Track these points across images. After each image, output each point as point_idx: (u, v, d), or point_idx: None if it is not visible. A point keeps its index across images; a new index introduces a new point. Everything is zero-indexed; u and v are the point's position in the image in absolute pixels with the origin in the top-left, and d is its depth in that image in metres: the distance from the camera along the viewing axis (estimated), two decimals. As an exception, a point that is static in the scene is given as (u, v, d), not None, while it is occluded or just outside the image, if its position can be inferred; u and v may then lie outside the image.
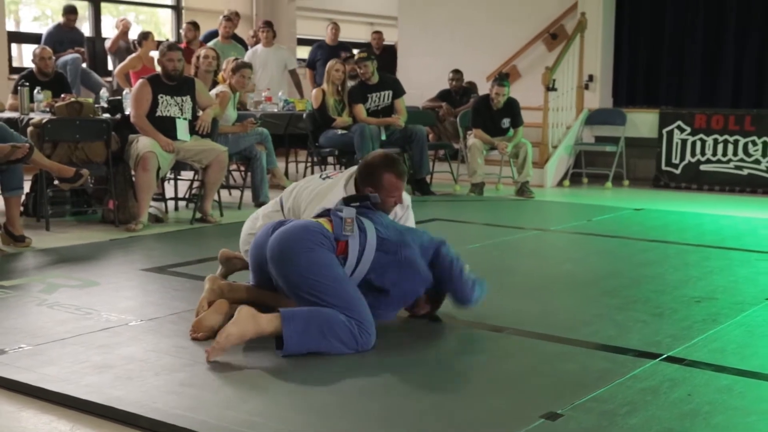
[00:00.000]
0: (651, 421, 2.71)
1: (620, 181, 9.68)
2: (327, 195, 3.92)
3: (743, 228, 6.70)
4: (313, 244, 3.37)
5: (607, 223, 6.89)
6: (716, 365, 3.28)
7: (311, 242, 3.37)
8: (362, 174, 3.84)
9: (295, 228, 3.47)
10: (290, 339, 3.24)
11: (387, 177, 3.78)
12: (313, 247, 3.37)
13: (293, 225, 3.52)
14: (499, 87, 8.58)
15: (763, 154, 9.01)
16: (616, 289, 4.55)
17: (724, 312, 4.06)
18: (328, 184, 4.04)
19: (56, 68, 8.17)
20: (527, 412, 2.74)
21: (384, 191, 3.76)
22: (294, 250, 3.37)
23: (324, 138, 8.39)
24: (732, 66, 9.95)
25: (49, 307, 3.99)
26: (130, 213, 6.41)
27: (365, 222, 3.55)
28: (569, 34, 10.07)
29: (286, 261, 3.38)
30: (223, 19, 10.15)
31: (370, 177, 3.80)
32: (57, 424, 2.71)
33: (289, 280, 3.39)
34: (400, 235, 3.59)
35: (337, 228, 3.47)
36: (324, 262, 3.37)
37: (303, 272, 3.34)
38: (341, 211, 3.53)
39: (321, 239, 3.40)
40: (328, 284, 3.33)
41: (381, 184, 3.77)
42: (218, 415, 2.69)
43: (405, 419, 2.73)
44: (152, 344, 3.45)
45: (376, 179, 3.78)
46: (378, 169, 3.80)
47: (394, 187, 3.79)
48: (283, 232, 3.46)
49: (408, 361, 3.30)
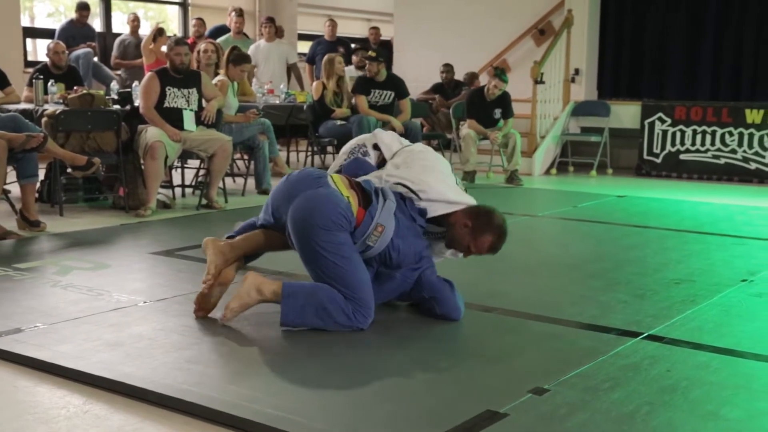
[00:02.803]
0: (632, 396, 2.72)
1: (604, 169, 9.68)
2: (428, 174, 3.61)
3: (720, 214, 6.70)
4: (333, 225, 3.30)
5: (592, 210, 6.89)
6: (694, 343, 3.29)
7: (333, 223, 3.29)
8: (473, 214, 3.53)
9: (321, 200, 3.33)
10: (287, 315, 3.30)
11: (487, 239, 3.52)
12: (331, 228, 3.29)
13: (321, 195, 3.35)
14: (499, 81, 8.52)
15: (739, 144, 9.01)
16: (600, 271, 4.55)
17: (702, 293, 4.06)
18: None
19: (69, 62, 8.14)
20: (516, 388, 2.75)
21: (472, 242, 3.52)
22: (315, 225, 3.28)
23: (323, 128, 8.37)
24: (710, 61, 9.93)
25: (62, 289, 3.98)
26: (140, 199, 6.39)
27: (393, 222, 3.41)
28: (556, 30, 10.04)
29: (304, 232, 3.32)
30: (235, 15, 10.02)
31: (478, 221, 3.51)
32: (71, 398, 2.71)
33: (304, 251, 3.36)
34: (407, 258, 3.46)
35: (365, 225, 3.35)
36: (339, 241, 3.30)
37: (317, 248, 3.29)
38: (375, 212, 3.37)
39: (343, 222, 3.31)
40: (338, 265, 3.29)
41: (477, 238, 3.50)
42: (222, 390, 2.69)
43: (399, 395, 2.73)
44: (160, 323, 3.45)
45: (479, 232, 3.50)
46: (488, 228, 3.52)
47: (478, 248, 3.54)
48: (309, 200, 3.33)
49: (402, 340, 3.30)
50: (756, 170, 8.96)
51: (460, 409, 2.56)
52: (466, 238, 3.52)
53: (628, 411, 2.59)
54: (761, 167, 8.93)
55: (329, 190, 3.39)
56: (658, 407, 2.63)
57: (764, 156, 8.91)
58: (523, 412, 2.56)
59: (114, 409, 2.62)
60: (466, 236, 3.51)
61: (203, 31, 10.13)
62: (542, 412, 2.57)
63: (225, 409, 2.54)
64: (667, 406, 2.63)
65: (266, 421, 2.45)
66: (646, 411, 2.59)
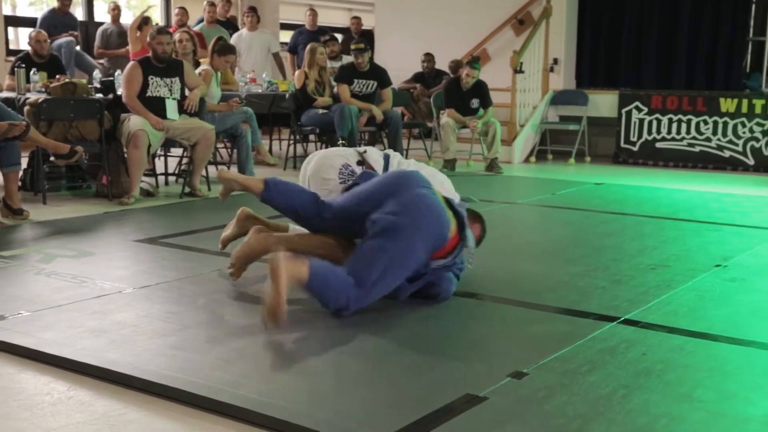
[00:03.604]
0: (609, 379, 2.74)
1: (582, 157, 9.72)
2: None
3: (695, 201, 6.75)
4: (433, 238, 3.37)
5: (570, 197, 6.92)
6: (669, 327, 3.31)
7: (435, 237, 3.38)
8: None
9: (441, 212, 3.43)
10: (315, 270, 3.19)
11: (477, 228, 3.81)
12: (429, 239, 3.35)
13: (441, 207, 3.45)
14: (471, 69, 8.61)
15: (713, 133, 9.07)
16: (578, 257, 4.58)
17: (677, 278, 4.09)
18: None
19: (51, 51, 8.05)
20: (495, 372, 2.76)
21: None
22: (423, 225, 3.33)
23: (305, 117, 8.34)
24: (686, 51, 9.98)
25: (46, 276, 3.95)
26: (123, 188, 6.35)
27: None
28: (536, 20, 10.04)
29: (416, 211, 3.33)
30: (207, 5, 10.10)
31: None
32: (55, 384, 2.69)
33: (394, 206, 3.32)
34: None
35: (459, 250, 3.50)
36: (416, 250, 3.32)
37: (398, 242, 3.27)
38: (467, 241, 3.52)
39: (439, 243, 3.40)
40: (397, 253, 3.26)
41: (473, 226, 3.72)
42: (206, 376, 2.69)
43: (383, 379, 2.73)
44: (144, 310, 3.43)
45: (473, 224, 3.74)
46: (477, 219, 3.86)
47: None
48: (433, 205, 3.40)
49: (386, 325, 3.29)
50: (730, 158, 9.03)
51: (441, 393, 2.57)
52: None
53: (604, 393, 2.61)
54: (735, 155, 9.00)
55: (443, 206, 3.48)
56: (634, 390, 2.65)
57: (738, 144, 8.98)
58: (502, 396, 2.57)
59: (98, 395, 2.60)
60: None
61: (186, 20, 10.06)
62: (521, 396, 2.58)
63: (209, 394, 2.54)
64: (642, 389, 2.66)
65: (250, 406, 2.45)
66: (623, 393, 2.61)
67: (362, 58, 8.37)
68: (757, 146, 8.89)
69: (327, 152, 4.18)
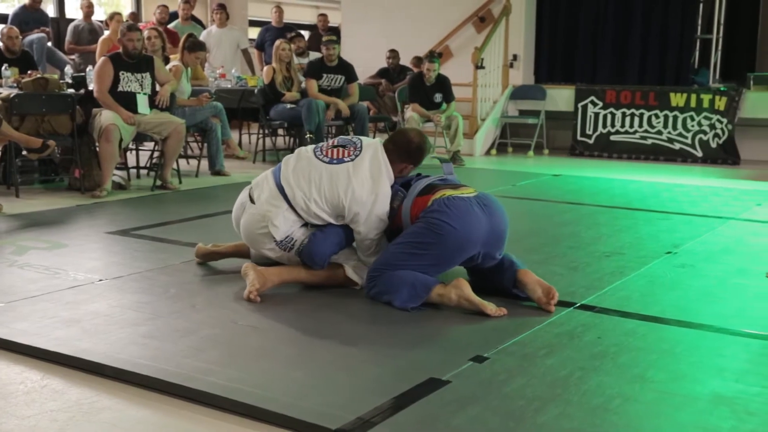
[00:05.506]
0: (566, 361, 2.76)
1: (541, 150, 9.78)
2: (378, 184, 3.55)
3: (647, 191, 6.83)
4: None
5: (529, 188, 6.96)
6: (622, 311, 3.35)
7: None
8: (389, 141, 3.75)
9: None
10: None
11: (410, 143, 3.76)
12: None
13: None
14: (430, 63, 8.63)
15: (664, 126, 9.19)
16: (537, 246, 4.61)
17: (630, 265, 4.14)
18: (369, 171, 3.54)
19: (23, 47, 7.89)
20: (457, 357, 2.77)
21: (402, 154, 3.71)
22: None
23: (274, 111, 8.29)
24: (639, 48, 10.09)
25: (20, 268, 3.89)
26: (95, 181, 6.27)
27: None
28: (496, 18, 10.07)
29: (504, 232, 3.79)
30: (182, 2, 9.96)
31: (396, 137, 3.81)
32: (28, 374, 2.65)
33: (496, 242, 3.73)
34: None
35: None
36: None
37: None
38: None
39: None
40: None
41: (401, 148, 3.71)
42: (178, 364, 2.66)
43: (347, 365, 2.73)
44: (116, 300, 3.39)
45: (401, 142, 3.73)
46: (405, 134, 3.82)
47: (409, 154, 3.75)
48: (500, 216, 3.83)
49: (350, 316, 3.29)
50: (680, 150, 9.15)
51: (405, 378, 2.57)
52: (396, 156, 3.64)
53: (562, 375, 2.63)
54: (684, 147, 9.12)
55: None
56: (590, 371, 2.67)
57: (687, 137, 9.10)
58: (464, 379, 2.58)
59: (71, 384, 2.57)
60: (395, 156, 3.63)
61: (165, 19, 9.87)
62: (482, 379, 2.59)
63: (180, 381, 2.52)
64: (597, 371, 2.68)
65: (220, 392, 2.44)
66: (579, 375, 2.64)
67: (333, 50, 8.34)
68: (704, 139, 9.02)
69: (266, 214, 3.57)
